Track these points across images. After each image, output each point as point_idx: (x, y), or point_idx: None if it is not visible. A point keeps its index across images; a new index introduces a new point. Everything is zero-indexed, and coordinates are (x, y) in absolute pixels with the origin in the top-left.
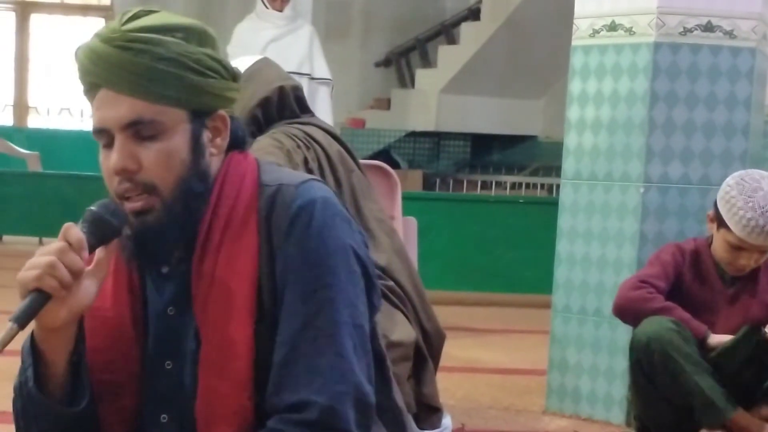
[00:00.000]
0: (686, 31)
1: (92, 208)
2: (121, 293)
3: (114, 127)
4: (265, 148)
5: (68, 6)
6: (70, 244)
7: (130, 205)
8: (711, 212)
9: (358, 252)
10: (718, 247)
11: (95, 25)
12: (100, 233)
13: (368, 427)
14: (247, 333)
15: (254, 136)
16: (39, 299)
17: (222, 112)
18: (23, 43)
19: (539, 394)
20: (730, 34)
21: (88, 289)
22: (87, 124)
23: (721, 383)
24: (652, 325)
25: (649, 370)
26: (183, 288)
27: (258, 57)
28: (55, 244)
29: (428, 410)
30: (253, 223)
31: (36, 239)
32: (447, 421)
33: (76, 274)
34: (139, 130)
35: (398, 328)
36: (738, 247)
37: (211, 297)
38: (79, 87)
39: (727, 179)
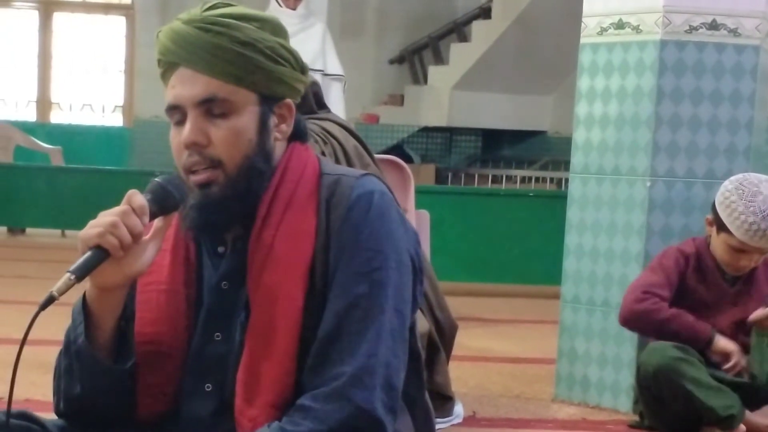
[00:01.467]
0: (692, 29)
1: (157, 179)
2: (178, 269)
3: (188, 103)
4: None
5: (90, 5)
6: (132, 209)
7: (195, 178)
8: (710, 216)
9: (409, 247)
10: (719, 250)
11: (116, 23)
12: (161, 203)
13: (393, 409)
14: (297, 306)
15: None
16: (98, 255)
17: (289, 100)
18: (46, 40)
19: (548, 383)
20: (734, 32)
21: (144, 255)
22: (108, 120)
23: (731, 388)
24: (656, 354)
25: (659, 395)
26: (238, 264)
27: None
28: (117, 207)
29: (440, 399)
30: (313, 204)
31: (58, 231)
32: (459, 408)
33: (136, 237)
34: (211, 108)
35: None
36: (739, 250)
37: (266, 268)
38: (101, 83)
39: (725, 184)
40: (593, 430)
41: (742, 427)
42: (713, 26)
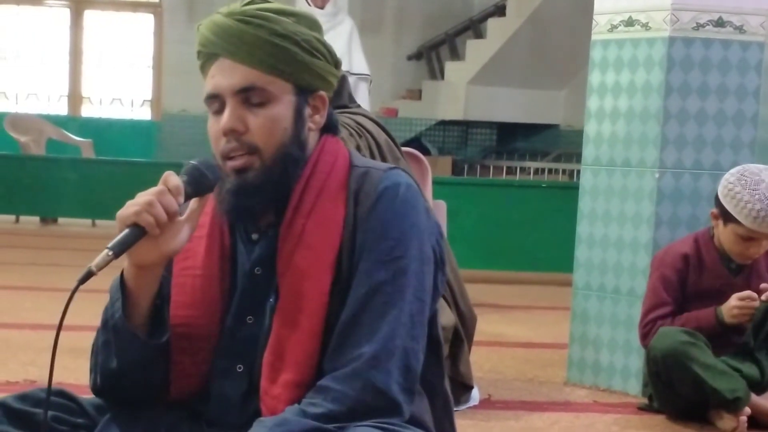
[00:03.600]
0: (699, 27)
1: (193, 162)
2: (213, 255)
3: (227, 92)
4: None
5: (119, 3)
6: (168, 189)
7: (232, 164)
8: (715, 210)
9: (431, 238)
10: (727, 241)
11: (145, 21)
12: (196, 185)
13: (410, 391)
14: (324, 290)
15: None
16: (135, 233)
17: (323, 93)
18: (77, 37)
19: (561, 367)
20: (740, 29)
21: (179, 234)
22: (137, 114)
23: (740, 371)
24: (665, 339)
25: (668, 380)
26: (271, 250)
27: None
28: (154, 188)
29: (463, 388)
30: (342, 195)
31: (89, 221)
32: (475, 392)
33: (171, 216)
34: (250, 97)
35: (440, 313)
36: (748, 238)
37: (296, 254)
38: (130, 78)
39: (726, 177)
40: (604, 412)
41: (748, 409)
42: (719, 23)
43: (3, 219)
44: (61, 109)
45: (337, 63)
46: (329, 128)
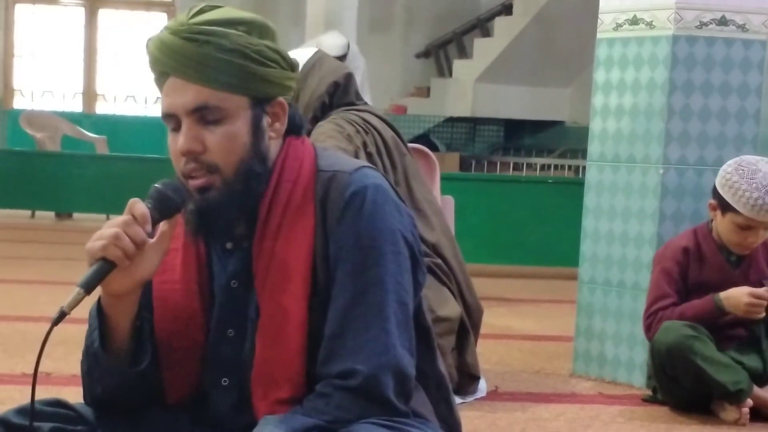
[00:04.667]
0: (702, 25)
1: (157, 185)
2: (190, 267)
3: (181, 112)
4: (327, 132)
5: (133, 2)
6: (134, 218)
7: (194, 183)
8: (713, 201)
9: (405, 235)
10: (726, 231)
11: (158, 19)
12: (163, 208)
13: (407, 395)
14: (302, 306)
15: (317, 121)
16: (104, 267)
17: (281, 99)
18: (92, 35)
19: (567, 359)
20: (742, 27)
21: (150, 259)
22: (150, 111)
23: (742, 363)
24: (669, 333)
25: (672, 372)
26: (245, 263)
27: (314, 49)
28: (120, 217)
29: (469, 378)
30: (310, 206)
31: (104, 216)
32: (482, 384)
33: (139, 245)
34: (204, 115)
35: (445, 304)
36: (747, 227)
37: (270, 273)
38: (143, 76)
39: (724, 168)
40: (609, 404)
41: (750, 401)
42: (722, 22)
43: (19, 214)
44: (76, 106)
45: (292, 66)
46: (293, 130)
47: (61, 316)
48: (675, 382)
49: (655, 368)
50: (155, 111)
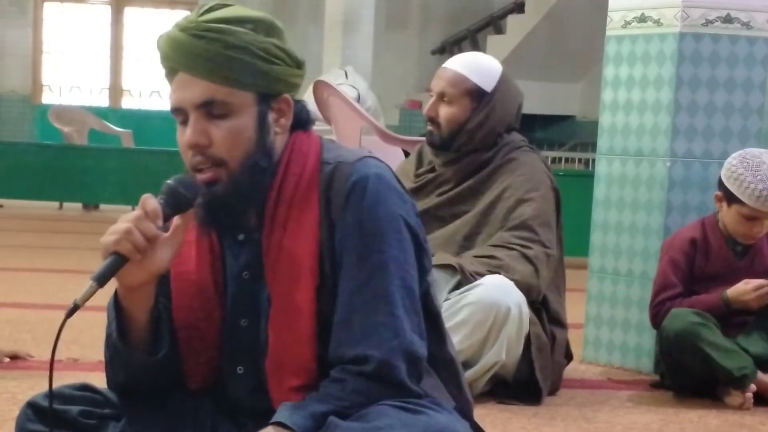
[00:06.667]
0: (708, 23)
1: (169, 181)
2: (204, 258)
3: (189, 106)
4: None
5: (158, 0)
6: (146, 213)
7: (201, 176)
8: (718, 193)
9: (408, 220)
10: (732, 222)
11: (182, 16)
12: (174, 204)
13: (419, 377)
14: (310, 296)
15: None
16: (117, 261)
17: (286, 95)
18: (118, 33)
19: (577, 345)
20: (747, 25)
21: (163, 253)
22: None
23: (746, 350)
24: (677, 320)
25: (679, 359)
26: (256, 255)
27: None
28: (133, 212)
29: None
30: (314, 198)
31: (129, 207)
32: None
33: (151, 240)
34: (211, 110)
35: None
36: (752, 218)
37: (279, 265)
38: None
39: (729, 160)
40: (618, 389)
41: (753, 386)
42: (727, 20)
43: (47, 206)
44: (103, 101)
45: (298, 64)
46: (299, 125)
47: (74, 308)
48: (682, 367)
49: (662, 354)
50: None
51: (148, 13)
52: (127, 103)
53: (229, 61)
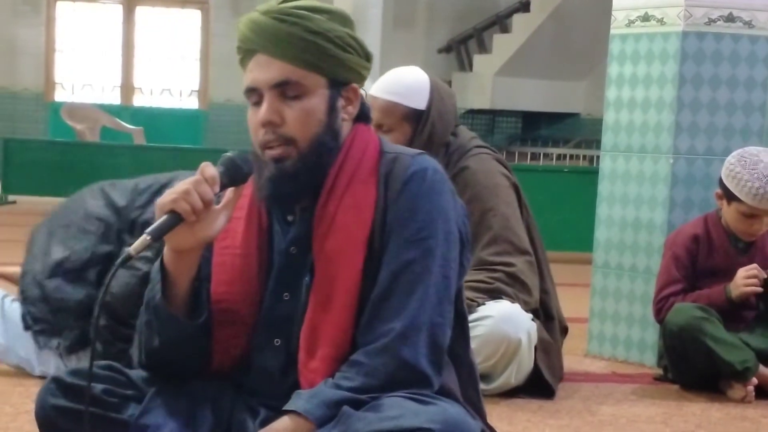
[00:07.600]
0: (710, 22)
1: (228, 154)
2: (251, 235)
3: (264, 86)
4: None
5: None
6: (205, 179)
7: (270, 153)
8: (719, 191)
9: (458, 219)
10: (732, 219)
11: (193, 16)
12: (231, 175)
13: (438, 364)
14: (357, 269)
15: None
16: (172, 219)
17: (355, 85)
18: (129, 32)
19: (581, 340)
20: (749, 24)
21: (214, 221)
22: (185, 103)
23: (748, 344)
24: (681, 314)
25: (682, 352)
26: (305, 232)
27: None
28: (192, 177)
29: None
30: (373, 179)
31: None
32: None
33: (207, 203)
34: (285, 90)
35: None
36: (751, 215)
37: (330, 235)
38: (178, 70)
39: (728, 159)
40: (622, 382)
41: (755, 380)
42: (730, 19)
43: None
44: (115, 98)
45: (368, 56)
46: (362, 117)
47: (128, 258)
48: (685, 361)
49: (666, 348)
50: (189, 103)
51: (159, 12)
52: (139, 100)
53: (307, 45)
